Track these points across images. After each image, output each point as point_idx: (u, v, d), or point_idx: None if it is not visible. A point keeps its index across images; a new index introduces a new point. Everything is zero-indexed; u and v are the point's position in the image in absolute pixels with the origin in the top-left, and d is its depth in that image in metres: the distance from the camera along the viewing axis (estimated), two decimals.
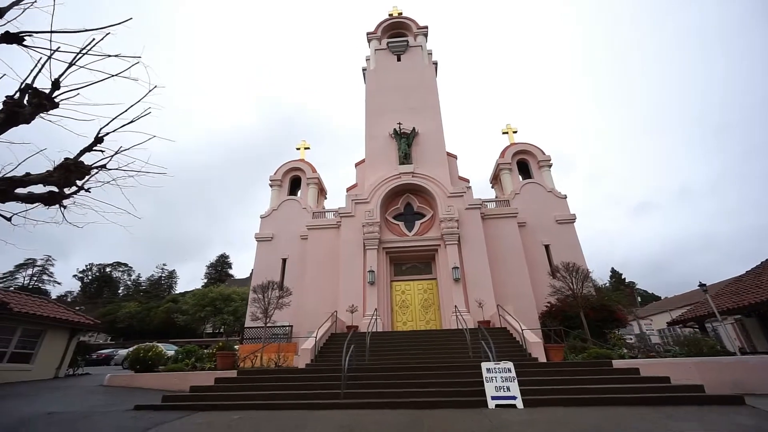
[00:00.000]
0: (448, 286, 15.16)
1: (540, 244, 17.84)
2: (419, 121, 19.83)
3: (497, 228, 17.12)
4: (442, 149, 18.94)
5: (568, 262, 13.60)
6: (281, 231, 19.65)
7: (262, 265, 18.61)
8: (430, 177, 17.65)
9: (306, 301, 16.33)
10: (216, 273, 60.92)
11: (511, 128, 22.42)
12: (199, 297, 34.71)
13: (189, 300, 35.79)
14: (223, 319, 33.58)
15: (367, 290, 15.23)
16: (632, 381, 7.24)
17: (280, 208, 20.50)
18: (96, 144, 5.64)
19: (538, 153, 20.81)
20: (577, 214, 18.71)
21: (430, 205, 17.42)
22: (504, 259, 16.28)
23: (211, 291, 35.62)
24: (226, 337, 34.21)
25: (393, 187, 17.56)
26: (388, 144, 19.32)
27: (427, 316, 15.63)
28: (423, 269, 16.67)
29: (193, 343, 28.87)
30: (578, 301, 12.39)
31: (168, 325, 37.93)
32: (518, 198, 19.21)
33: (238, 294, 32.98)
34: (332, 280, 16.33)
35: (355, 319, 14.35)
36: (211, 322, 35.64)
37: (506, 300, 14.76)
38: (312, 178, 21.72)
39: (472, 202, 16.92)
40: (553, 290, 13.72)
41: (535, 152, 20.86)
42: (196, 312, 33.76)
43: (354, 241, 16.45)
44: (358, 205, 17.37)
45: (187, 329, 36.68)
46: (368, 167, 18.82)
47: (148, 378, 10.42)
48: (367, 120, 20.37)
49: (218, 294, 34.50)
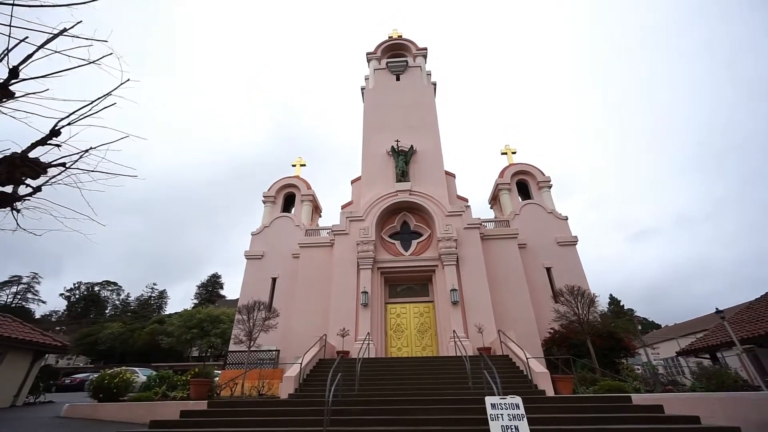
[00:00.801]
0: (446, 309, 14.46)
1: (541, 266, 17.26)
2: (417, 139, 19.64)
3: (497, 249, 16.56)
4: (440, 167, 18.64)
5: (573, 286, 12.96)
6: (272, 249, 18.99)
7: (251, 284, 17.83)
8: (427, 195, 17.22)
9: (295, 324, 15.45)
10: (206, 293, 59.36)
11: (510, 149, 22.31)
12: (186, 318, 33.42)
13: (175, 321, 34.37)
14: (210, 342, 32.27)
15: (360, 313, 14.46)
16: (657, 421, 6.30)
17: (272, 225, 19.93)
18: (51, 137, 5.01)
19: (538, 174, 20.57)
20: (578, 237, 18.04)
21: (427, 224, 16.94)
22: (504, 282, 15.62)
23: (198, 312, 34.31)
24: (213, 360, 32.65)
25: (389, 204, 17.09)
26: (385, 162, 19.04)
27: (423, 341, 14.86)
28: (419, 291, 16.06)
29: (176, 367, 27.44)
30: (584, 328, 11.67)
31: (152, 347, 36.11)
32: (518, 219, 18.79)
33: (227, 315, 31.64)
34: (324, 302, 15.56)
35: (347, 344, 13.46)
36: (198, 345, 34.26)
37: (507, 325, 14.02)
38: (306, 195, 21.27)
39: (471, 222, 16.43)
40: (558, 315, 12.98)
41: (534, 173, 20.63)
42: (181, 334, 32.40)
43: (347, 260, 15.80)
44: (352, 222, 16.81)
45: (172, 352, 34.93)
46: (364, 184, 18.42)
47: (111, 408, 9.27)
48: (364, 137, 20.19)
49: (206, 315, 33.24)
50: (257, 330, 12.24)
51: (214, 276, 61.77)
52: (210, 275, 62.09)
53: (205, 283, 61.24)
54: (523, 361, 9.96)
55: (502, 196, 20.27)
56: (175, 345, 33.24)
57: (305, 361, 10.44)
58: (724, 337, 14.05)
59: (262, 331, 12.41)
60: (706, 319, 26.22)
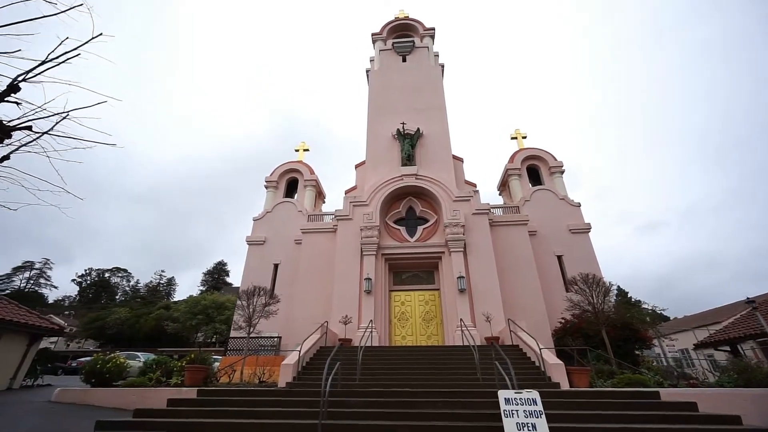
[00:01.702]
0: (453, 297, 14.06)
1: (552, 254, 16.66)
2: (424, 122, 19.02)
3: (506, 236, 16.06)
4: (447, 151, 18.05)
5: (587, 273, 12.31)
6: (274, 234, 18.61)
7: (253, 270, 17.49)
8: (434, 179, 16.68)
9: (297, 311, 15.20)
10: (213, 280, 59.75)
11: (520, 133, 21.56)
12: (191, 304, 33.43)
13: (180, 307, 34.44)
14: (215, 329, 32.17)
15: (363, 300, 14.13)
16: (693, 420, 5.57)
17: (274, 210, 19.51)
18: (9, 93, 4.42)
19: (550, 159, 19.83)
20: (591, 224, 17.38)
21: (434, 210, 16.47)
22: (514, 270, 15.18)
23: (204, 298, 34.36)
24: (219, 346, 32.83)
25: (395, 189, 16.62)
26: (390, 145, 18.51)
27: (428, 330, 14.55)
28: (425, 278, 15.75)
29: (182, 352, 27.45)
30: (599, 318, 11.07)
31: (159, 332, 36.28)
32: (528, 205, 18.10)
33: (231, 302, 31.54)
34: (326, 288, 15.24)
35: (349, 332, 13.12)
36: (203, 331, 34.25)
37: (516, 314, 13.53)
38: (309, 180, 20.79)
39: (479, 207, 15.88)
40: (570, 304, 12.39)
41: (546, 158, 19.90)
42: (187, 320, 32.43)
43: (351, 247, 15.43)
44: (356, 207, 16.38)
45: (178, 338, 35.07)
46: (369, 169, 17.93)
47: (102, 394, 8.84)
48: (369, 120, 19.62)
49: (211, 302, 33.21)
50: (257, 316, 12.00)
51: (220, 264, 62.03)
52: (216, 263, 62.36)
53: (211, 270, 61.52)
54: (535, 352, 9.44)
55: (511, 182, 19.68)
56: (181, 330, 33.39)
57: (305, 348, 10.06)
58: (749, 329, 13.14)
59: (263, 318, 12.20)
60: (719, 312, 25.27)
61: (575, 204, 18.12)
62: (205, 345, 35.92)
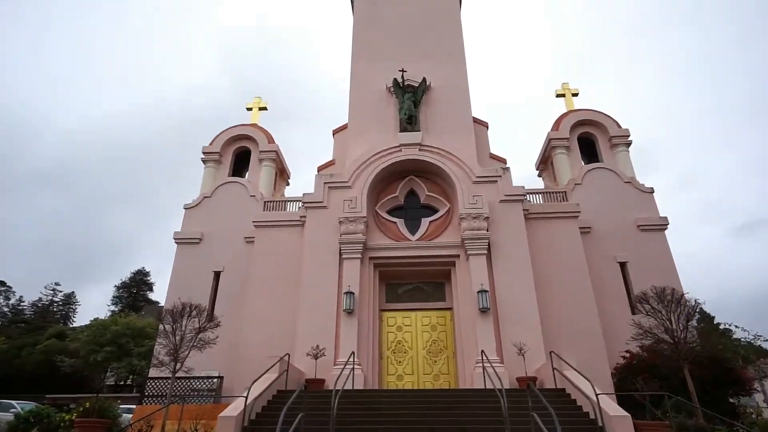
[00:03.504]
0: (470, 320, 14.16)
1: (612, 260, 16.90)
2: (433, 70, 18.95)
3: (548, 233, 16.14)
4: (466, 112, 18.11)
5: (663, 288, 12.32)
6: (215, 229, 18.60)
7: (183, 280, 17.50)
8: (446, 152, 16.65)
9: (247, 338, 15.25)
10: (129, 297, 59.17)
11: (569, 89, 21.69)
12: (97, 331, 32.80)
13: (82, 335, 33.75)
14: (132, 365, 31.71)
15: (343, 323, 14.19)
16: None
17: (215, 194, 19.45)
18: None
19: (611, 125, 19.90)
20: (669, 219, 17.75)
21: (445, 195, 16.62)
22: (558, 282, 15.32)
23: (115, 322, 33.78)
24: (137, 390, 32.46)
25: (389, 165, 16.63)
26: (384, 102, 18.59)
27: (435, 367, 14.63)
28: (431, 293, 16.04)
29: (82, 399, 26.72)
30: (680, 351, 11.09)
31: (50, 371, 35.62)
32: (580, 190, 18.20)
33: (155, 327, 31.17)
34: (289, 307, 15.32)
35: (321, 369, 12.97)
36: (114, 369, 33.65)
37: (562, 345, 13.46)
38: (267, 151, 20.75)
39: (510, 192, 15.91)
40: (639, 332, 12.33)
41: (605, 124, 19.97)
42: (90, 353, 31.83)
43: (325, 247, 15.49)
44: (333, 190, 16.33)
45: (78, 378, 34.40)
46: (352, 135, 18.00)
47: None
48: (353, 67, 19.61)
49: (126, 327, 32.78)
50: (187, 346, 11.96)
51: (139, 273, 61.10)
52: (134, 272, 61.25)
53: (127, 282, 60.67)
54: (589, 399, 9.36)
55: (556, 158, 19.86)
56: (82, 368, 32.84)
57: (256, 392, 9.93)
58: None
59: (196, 349, 12.13)
60: None
61: (647, 190, 18.21)
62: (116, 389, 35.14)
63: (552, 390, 11.05)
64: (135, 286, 61.04)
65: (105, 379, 36.16)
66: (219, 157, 20.54)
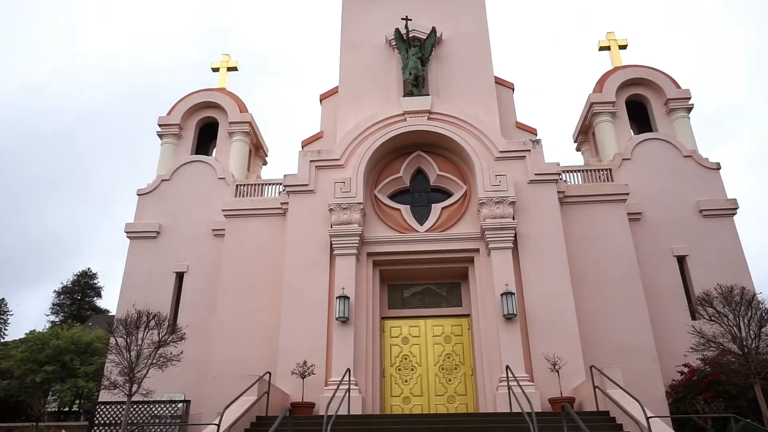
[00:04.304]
0: (493, 328, 14.13)
1: (669, 253, 16.82)
2: (444, 17, 18.96)
3: (588, 222, 16.18)
4: (486, 70, 18.13)
5: (730, 287, 12.14)
6: (177, 220, 18.68)
7: (138, 282, 17.63)
8: (462, 120, 16.61)
9: (218, 353, 15.26)
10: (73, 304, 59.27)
11: (615, 39, 21.53)
12: (34, 347, 32.48)
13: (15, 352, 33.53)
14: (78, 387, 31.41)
15: (336, 334, 14.18)
16: None
17: (175, 176, 19.47)
18: None
19: (668, 85, 19.79)
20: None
21: (460, 175, 16.61)
22: (600, 281, 15.36)
23: (55, 336, 33.47)
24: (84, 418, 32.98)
25: (392, 138, 16.53)
26: (383, 59, 18.67)
27: (450, 386, 14.70)
28: (444, 296, 16.20)
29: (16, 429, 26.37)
30: (750, 364, 10.91)
31: None
32: (628, 167, 18.10)
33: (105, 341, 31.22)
34: (269, 314, 15.41)
35: (310, 390, 12.98)
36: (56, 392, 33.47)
37: (605, 358, 13.55)
38: (239, 123, 20.70)
39: (542, 170, 15.82)
40: (700, 341, 12.18)
41: (661, 83, 19.86)
42: (26, 374, 31.56)
43: (313, 240, 15.53)
44: (322, 171, 16.39)
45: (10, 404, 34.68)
46: (345, 101, 18.07)
47: None
48: (344, 12, 19.64)
49: (68, 341, 32.44)
50: (145, 364, 12.02)
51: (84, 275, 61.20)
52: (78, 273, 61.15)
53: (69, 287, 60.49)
54: (639, 424, 9.33)
55: (599, 127, 19.80)
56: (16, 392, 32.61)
57: (229, 420, 9.79)
58: None
59: (155, 366, 12.21)
60: None
61: (712, 166, 18.15)
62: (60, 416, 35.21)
63: (593, 413, 11.12)
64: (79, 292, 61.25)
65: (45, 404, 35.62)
66: (179, 130, 20.52)
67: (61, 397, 33.62)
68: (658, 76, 19.87)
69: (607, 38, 21.54)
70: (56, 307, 59.66)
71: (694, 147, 18.54)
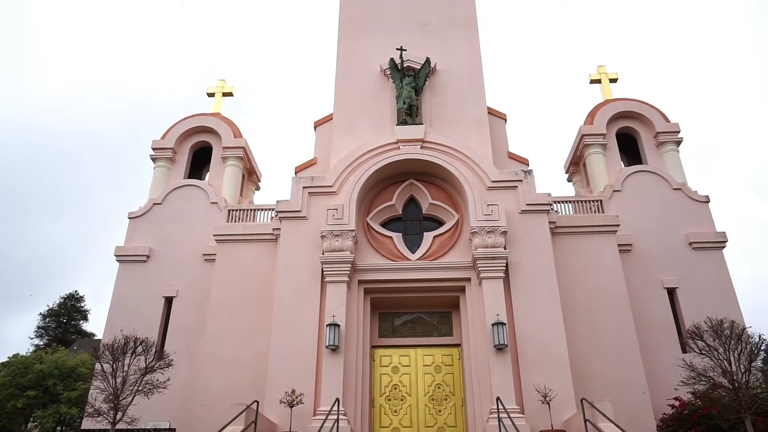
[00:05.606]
0: (484, 359, 14.09)
1: (658, 285, 17.04)
2: (438, 48, 19.20)
3: (579, 252, 16.36)
4: (479, 100, 18.30)
5: (720, 320, 12.36)
6: (168, 245, 18.74)
7: (126, 307, 17.61)
8: (455, 150, 16.73)
9: (206, 380, 15.19)
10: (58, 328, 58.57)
11: (605, 73, 21.91)
12: (16, 371, 32.15)
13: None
14: (60, 414, 31.17)
15: (325, 363, 14.09)
16: None
17: (167, 200, 19.52)
18: None
19: (657, 119, 20.12)
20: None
21: (453, 204, 16.67)
22: (591, 312, 15.47)
23: (39, 360, 33.17)
24: None
25: (385, 165, 16.58)
26: (378, 88, 18.84)
27: (440, 418, 14.60)
28: (435, 325, 16.20)
29: None
30: (741, 399, 11.05)
31: None
32: (619, 199, 18.40)
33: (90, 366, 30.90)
34: (258, 341, 15.33)
35: (298, 420, 12.91)
36: (37, 418, 33.18)
37: (596, 390, 13.55)
38: (233, 148, 20.85)
39: (534, 200, 15.94)
40: (692, 374, 12.33)
41: (650, 117, 20.19)
42: (7, 399, 31.19)
43: (304, 267, 15.44)
44: (315, 197, 16.35)
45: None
46: (339, 129, 18.15)
47: None
48: (340, 42, 19.83)
49: (52, 366, 32.12)
50: (131, 391, 12.09)
51: (71, 298, 60.44)
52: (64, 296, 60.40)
53: (55, 309, 59.76)
54: None
55: (590, 158, 20.04)
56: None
57: None
58: None
59: (141, 393, 12.29)
60: None
61: (700, 198, 18.40)
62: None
63: None
64: (65, 315, 60.39)
65: (26, 430, 35.64)
66: (173, 154, 20.58)
67: (43, 423, 33.29)
68: (648, 109, 20.21)
69: (597, 71, 21.81)
70: (41, 330, 58.80)
71: (684, 180, 18.80)
